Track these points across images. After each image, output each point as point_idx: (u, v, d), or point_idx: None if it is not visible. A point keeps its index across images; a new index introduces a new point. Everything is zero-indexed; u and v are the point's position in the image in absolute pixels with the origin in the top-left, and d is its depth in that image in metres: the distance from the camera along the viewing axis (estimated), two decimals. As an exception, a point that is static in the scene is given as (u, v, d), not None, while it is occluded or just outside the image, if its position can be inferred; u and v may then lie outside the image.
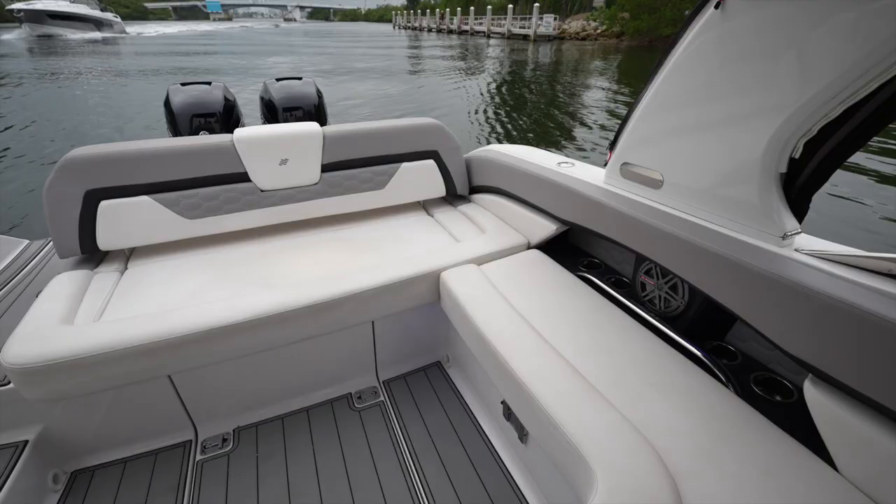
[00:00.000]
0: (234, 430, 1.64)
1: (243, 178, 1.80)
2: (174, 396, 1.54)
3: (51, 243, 2.14)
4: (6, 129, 8.40)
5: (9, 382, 1.29)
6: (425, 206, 2.26)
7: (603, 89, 13.62)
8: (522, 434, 1.39)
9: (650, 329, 1.34)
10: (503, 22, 44.25)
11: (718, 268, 1.11)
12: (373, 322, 1.75)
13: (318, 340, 1.66)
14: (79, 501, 1.40)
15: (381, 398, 1.79)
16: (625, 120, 1.43)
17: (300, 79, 2.70)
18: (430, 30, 65.08)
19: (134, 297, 1.50)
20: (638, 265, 1.54)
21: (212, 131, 2.45)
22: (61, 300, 1.39)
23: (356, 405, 1.75)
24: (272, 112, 2.57)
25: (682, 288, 1.38)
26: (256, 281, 1.58)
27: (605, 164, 1.59)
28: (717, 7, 1.05)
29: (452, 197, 2.30)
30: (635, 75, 16.43)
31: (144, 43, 33.63)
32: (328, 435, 1.63)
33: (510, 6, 43.03)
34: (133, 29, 52.36)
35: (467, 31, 51.88)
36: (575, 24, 41.50)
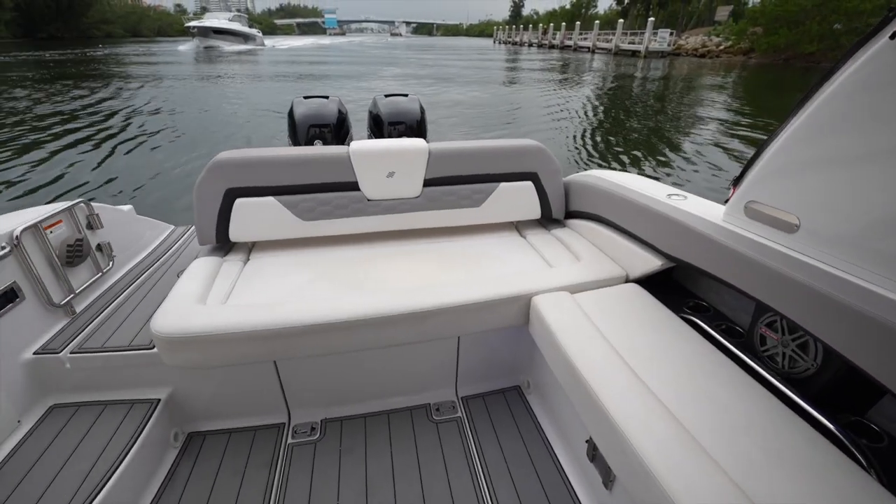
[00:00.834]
0: (321, 421, 1.81)
1: (354, 186, 2.00)
2: (276, 381, 1.75)
3: (190, 230, 2.57)
4: (175, 114, 10.54)
5: (153, 347, 1.58)
6: (518, 227, 2.30)
7: (728, 114, 12.51)
8: (608, 479, 1.34)
9: (767, 388, 1.22)
10: (611, 37, 43.05)
11: (867, 331, 0.99)
12: (459, 337, 1.82)
13: (406, 348, 1.77)
14: (191, 460, 1.65)
15: (459, 414, 1.84)
16: (757, 153, 1.34)
17: (406, 95, 2.93)
18: (530, 45, 65.62)
19: (254, 285, 1.74)
20: (758, 315, 1.41)
21: (325, 140, 2.76)
22: (198, 281, 1.66)
23: (434, 417, 1.83)
24: (378, 125, 2.82)
25: (815, 348, 1.23)
26: (356, 283, 1.74)
27: (726, 201, 1.49)
28: (892, 38, 0.95)
29: (547, 220, 2.31)
30: (766, 99, 14.83)
31: (278, 53, 41.52)
32: (406, 441, 1.72)
33: (620, 21, 41.68)
34: (269, 42, 63.09)
35: (570, 47, 51.32)
36: (694, 40, 38.94)
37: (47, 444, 1.44)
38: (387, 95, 2.92)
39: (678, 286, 1.83)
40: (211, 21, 47.74)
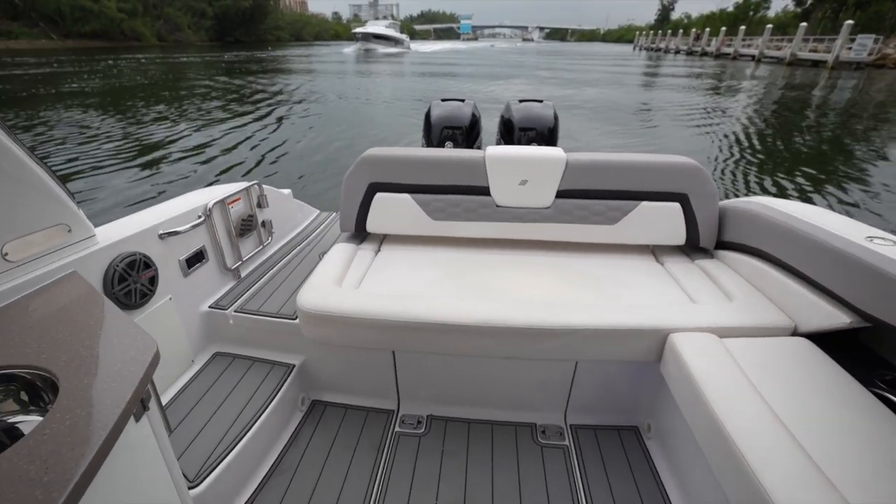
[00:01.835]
0: (427, 416, 1.89)
1: (485, 191, 2.05)
2: (392, 369, 1.87)
3: (331, 217, 2.89)
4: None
5: (296, 318, 1.81)
6: (655, 251, 2.12)
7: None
8: None
9: None
10: (784, 44, 37.21)
11: None
12: (577, 362, 1.75)
13: (518, 362, 1.75)
14: (313, 426, 1.85)
15: (566, 442, 1.76)
16: None
17: (541, 101, 2.90)
18: (677, 51, 60.08)
19: (384, 275, 1.88)
20: None
21: (456, 142, 2.87)
22: (336, 265, 1.86)
23: (539, 439, 1.78)
24: (509, 130, 2.84)
25: None
26: (479, 288, 1.77)
27: None
28: None
29: (692, 248, 2.08)
30: None
31: (421, 55, 48.89)
32: (508, 458, 1.70)
33: (802, 25, 35.70)
34: (413, 46, 72.24)
35: (728, 55, 45.67)
36: (905, 48, 31.37)
37: (209, 385, 1.75)
38: (521, 101, 2.94)
39: (867, 351, 1.51)
40: (372, 28, 58.81)
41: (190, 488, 1.34)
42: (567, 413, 1.87)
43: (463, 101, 2.92)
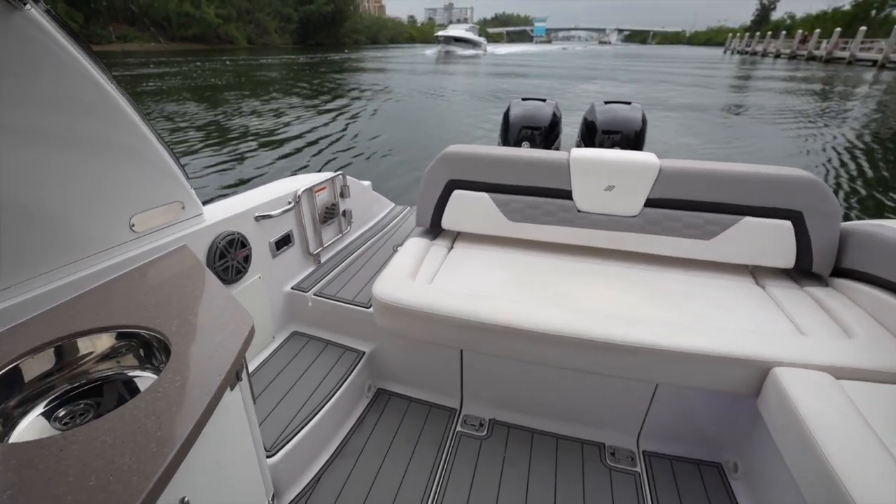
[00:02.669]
0: (489, 420, 1.87)
1: (566, 195, 1.99)
2: (458, 368, 1.88)
3: (405, 211, 2.98)
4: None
5: (370, 306, 1.87)
6: (755, 273, 1.94)
7: None
8: None
9: None
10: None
11: None
12: (657, 385, 1.65)
13: (591, 376, 1.68)
14: (377, 413, 1.90)
15: (638, 469, 1.66)
16: None
17: (629, 104, 2.78)
18: (777, 55, 54.98)
19: (457, 273, 1.90)
20: None
21: (533, 143, 2.83)
22: (410, 259, 1.90)
23: (608, 461, 1.70)
24: (591, 132, 2.75)
25: None
26: (554, 295, 1.72)
27: None
28: None
29: (801, 273, 1.88)
30: None
31: (496, 57, 51.19)
32: (573, 476, 1.64)
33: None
34: (489, 48, 75.01)
35: (841, 59, 40.93)
36: None
37: (286, 362, 1.86)
38: (606, 102, 2.84)
39: None
40: (453, 31, 63.38)
41: (267, 457, 1.43)
42: (640, 437, 1.76)
43: (544, 100, 2.89)
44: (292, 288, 2.05)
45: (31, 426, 0.96)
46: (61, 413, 1.00)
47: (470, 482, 1.61)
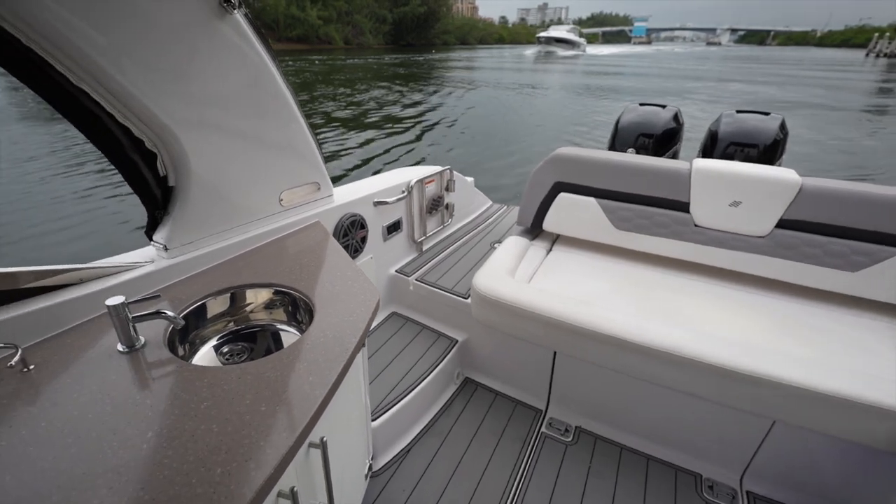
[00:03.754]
0: (575, 427, 1.87)
1: (683, 207, 1.92)
2: (549, 369, 1.91)
3: (503, 209, 3.06)
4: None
5: (468, 297, 1.97)
6: None
7: None
8: None
9: None
10: None
11: None
12: (774, 421, 1.54)
13: (692, 399, 1.62)
14: (464, 401, 1.99)
15: None
16: None
17: (767, 114, 2.59)
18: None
19: (555, 275, 1.93)
20: None
21: (645, 151, 2.74)
22: (510, 256, 1.97)
23: (705, 495, 1.61)
24: (714, 143, 2.60)
25: None
26: (660, 311, 1.68)
27: None
28: None
29: None
30: None
31: (593, 57, 52.17)
32: (663, 502, 1.59)
33: None
34: (589, 49, 75.88)
35: None
36: None
37: (386, 339, 2.03)
38: (738, 111, 2.66)
39: None
40: (554, 32, 65.99)
41: (371, 420, 1.59)
42: (745, 475, 1.65)
43: (664, 106, 2.77)
44: (396, 271, 2.23)
45: (205, 355, 1.19)
46: (225, 349, 1.22)
47: (552, 485, 1.63)
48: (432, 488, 1.59)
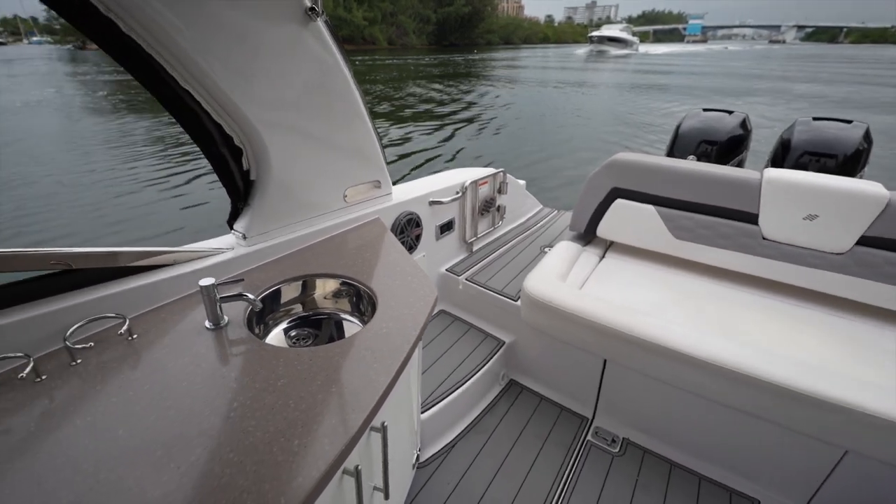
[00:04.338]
0: (623, 438, 1.85)
1: (751, 218, 1.85)
2: (598, 376, 1.90)
3: (553, 213, 3.07)
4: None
5: (517, 299, 1.99)
6: None
7: None
8: None
9: None
10: None
11: None
12: (846, 451, 1.47)
13: (756, 420, 1.56)
14: (508, 402, 2.02)
15: None
16: None
17: (849, 121, 2.44)
18: None
19: (609, 283, 1.92)
20: None
21: (706, 159, 2.62)
22: (562, 261, 1.98)
23: None
24: (786, 151, 2.47)
25: None
26: (720, 326, 1.64)
27: None
28: None
29: None
30: None
31: (644, 57, 52.25)
32: None
33: None
34: (642, 48, 75.48)
35: None
36: None
37: (434, 335, 2.09)
38: (816, 118, 2.53)
39: None
40: (607, 31, 65.96)
41: (420, 412, 1.65)
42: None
43: (730, 112, 2.67)
44: (446, 270, 2.29)
45: (275, 336, 1.29)
46: (293, 333, 1.32)
47: (597, 496, 1.62)
48: (476, 485, 1.63)
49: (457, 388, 1.79)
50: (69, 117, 12.74)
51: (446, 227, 2.25)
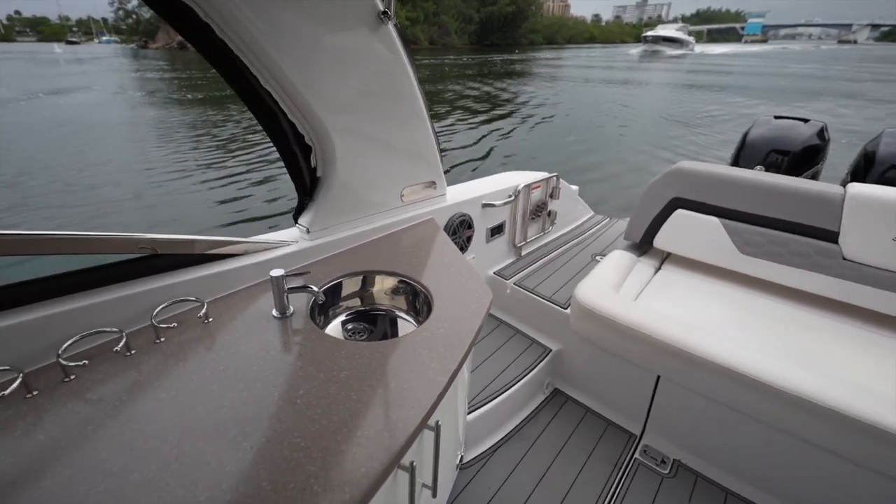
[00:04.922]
0: (673, 460, 1.79)
1: (830, 236, 1.76)
2: (649, 392, 1.85)
3: (604, 221, 3.02)
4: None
5: (567, 307, 1.97)
6: None
7: None
8: None
9: None
10: None
11: None
12: None
13: (826, 453, 1.47)
14: (552, 412, 1.99)
15: None
16: None
17: None
18: None
19: (666, 296, 1.87)
20: None
21: (776, 169, 2.52)
22: (616, 271, 1.94)
23: None
24: (868, 166, 2.33)
25: None
26: (790, 350, 1.57)
27: None
28: None
29: None
30: None
31: (698, 57, 51.84)
32: None
33: None
34: (698, 48, 74.03)
35: None
36: None
37: (481, 338, 2.10)
38: None
39: None
40: (662, 31, 65.76)
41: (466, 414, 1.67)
42: None
43: (806, 120, 2.55)
44: (495, 273, 2.30)
45: (333, 328, 1.34)
46: (349, 326, 1.37)
47: None
48: (517, 492, 1.62)
49: (501, 393, 1.80)
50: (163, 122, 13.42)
51: (497, 230, 2.25)
